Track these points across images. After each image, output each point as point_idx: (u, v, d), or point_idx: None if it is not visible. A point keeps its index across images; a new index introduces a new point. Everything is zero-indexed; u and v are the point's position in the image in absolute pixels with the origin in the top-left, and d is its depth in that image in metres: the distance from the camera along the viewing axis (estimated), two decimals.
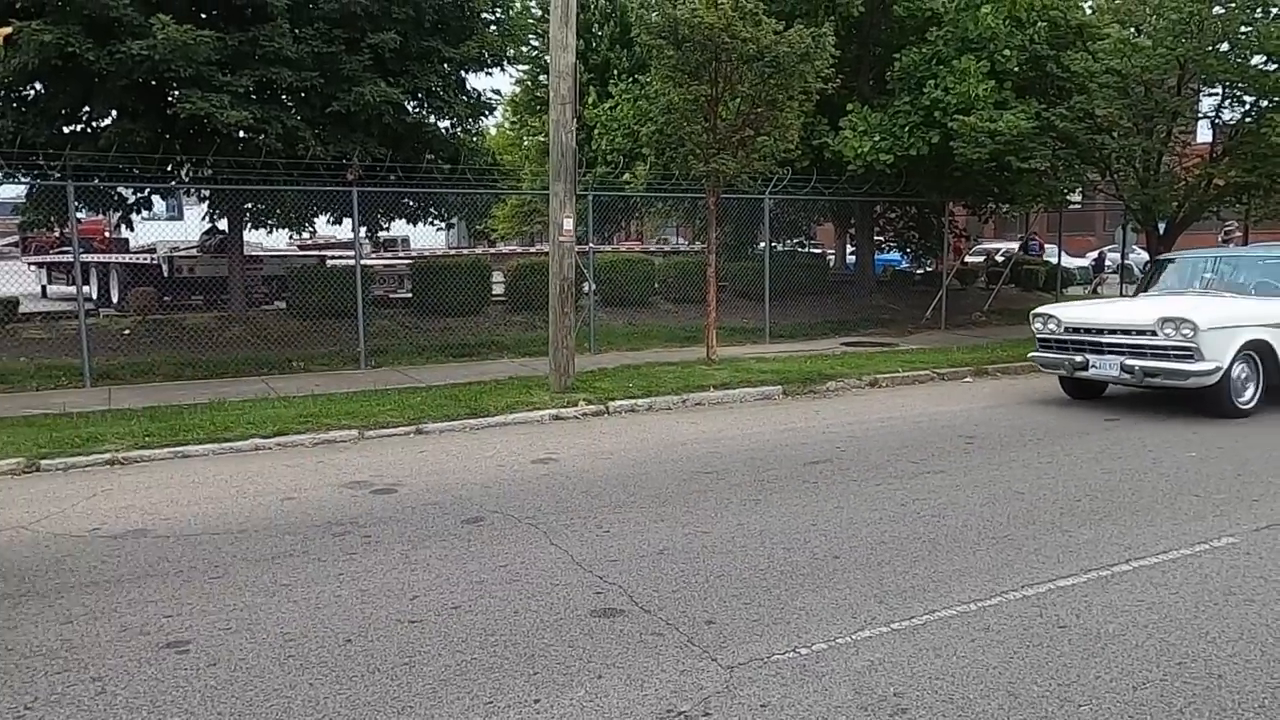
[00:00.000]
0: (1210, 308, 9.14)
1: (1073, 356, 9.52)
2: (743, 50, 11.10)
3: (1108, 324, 9.42)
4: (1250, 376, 9.02)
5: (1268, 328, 9.01)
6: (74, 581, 4.80)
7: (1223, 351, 8.68)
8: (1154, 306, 9.34)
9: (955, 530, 5.46)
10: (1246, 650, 3.83)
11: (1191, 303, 9.42)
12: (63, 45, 10.77)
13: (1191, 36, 13.43)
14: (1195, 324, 8.62)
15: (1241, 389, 8.97)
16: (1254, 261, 10.19)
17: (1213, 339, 8.65)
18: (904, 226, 22.75)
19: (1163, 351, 8.85)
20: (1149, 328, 8.95)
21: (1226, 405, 8.84)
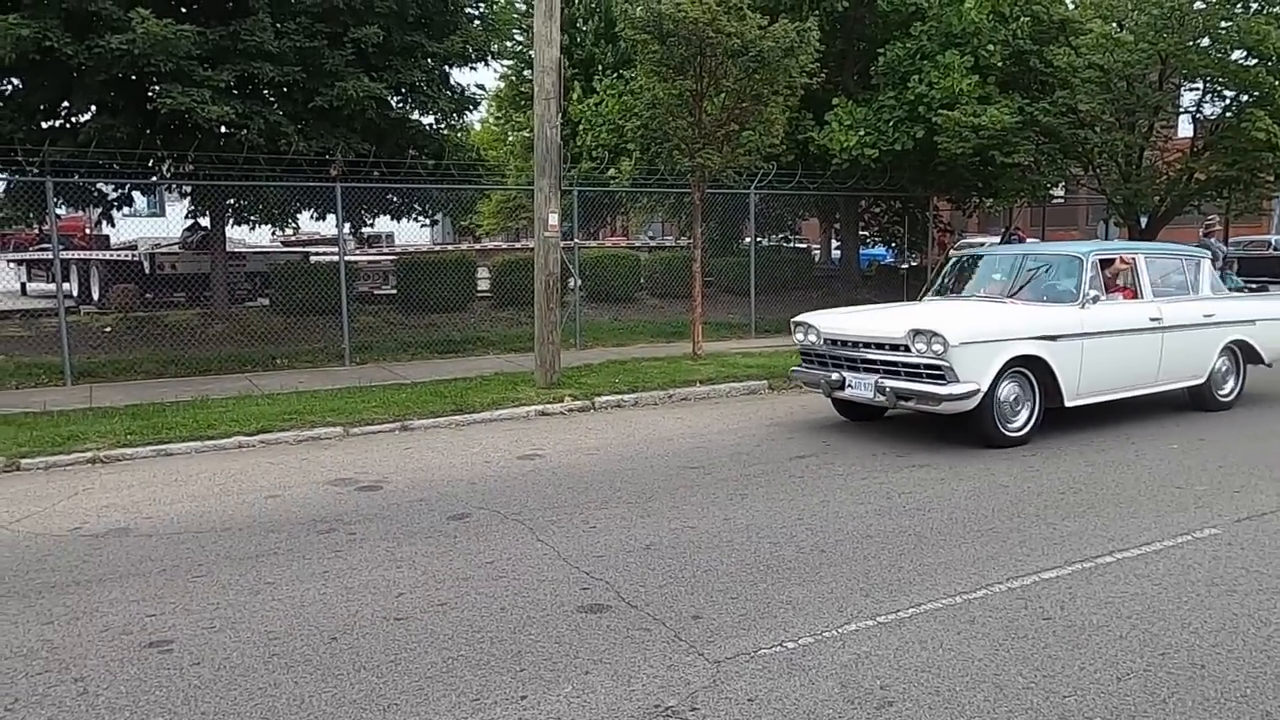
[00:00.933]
0: (967, 318, 7.66)
1: (830, 374, 8.00)
2: (727, 45, 11.09)
3: (863, 336, 7.91)
4: (1023, 398, 7.54)
5: (1043, 340, 7.51)
6: (55, 581, 4.75)
7: (982, 370, 7.20)
8: (909, 316, 7.88)
9: (940, 523, 5.48)
10: (1229, 640, 3.86)
11: (946, 312, 7.99)
12: (40, 39, 10.64)
13: (1173, 31, 13.53)
14: (945, 338, 7.10)
15: (1011, 414, 7.48)
16: (1036, 260, 8.73)
17: (969, 355, 7.15)
18: (889, 221, 22.82)
19: (915, 370, 7.39)
20: (901, 341, 7.47)
21: (991, 432, 7.36)
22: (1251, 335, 9.05)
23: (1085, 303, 7.79)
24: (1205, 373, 8.73)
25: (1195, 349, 8.61)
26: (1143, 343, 8.18)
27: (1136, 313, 8.21)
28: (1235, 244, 22.58)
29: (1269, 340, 9.25)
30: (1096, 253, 8.27)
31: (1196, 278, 8.94)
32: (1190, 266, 9.01)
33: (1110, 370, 7.95)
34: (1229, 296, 9.27)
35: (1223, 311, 8.82)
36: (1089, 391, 7.82)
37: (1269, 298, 10.13)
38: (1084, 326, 7.72)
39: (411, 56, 13.33)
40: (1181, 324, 8.44)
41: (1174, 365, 8.43)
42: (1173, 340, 8.35)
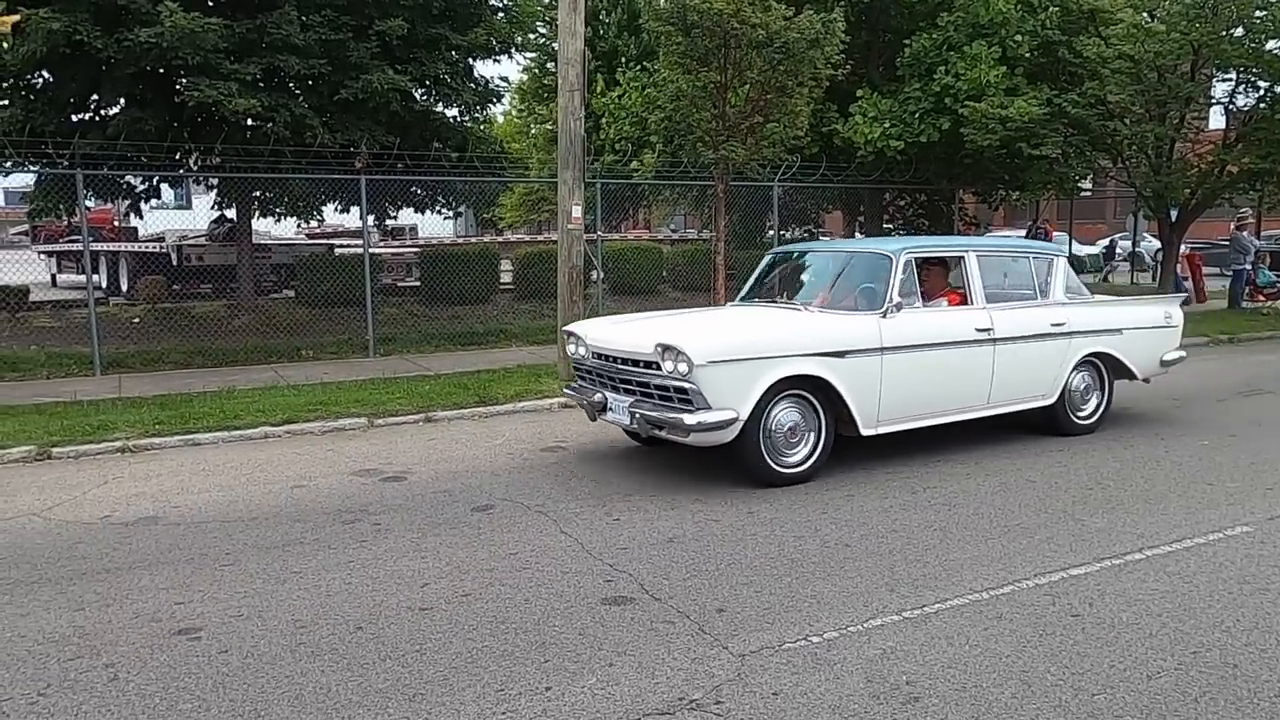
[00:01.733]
0: (722, 331, 6.51)
1: (593, 394, 6.72)
2: (752, 36, 11.03)
3: (622, 350, 6.50)
4: (804, 427, 6.26)
5: (827, 357, 6.17)
6: (86, 568, 4.81)
7: (741, 394, 5.90)
8: (662, 327, 6.59)
9: (967, 518, 5.44)
10: (1262, 640, 3.80)
11: (701, 323, 6.92)
12: (71, 33, 10.75)
13: (1205, 21, 13.30)
14: (689, 356, 5.81)
15: (786, 446, 6.18)
16: (845, 260, 7.46)
17: (721, 376, 5.85)
18: (913, 214, 22.60)
19: (666, 392, 6.07)
20: (652, 358, 6.12)
21: (759, 468, 6.08)
22: (1117, 347, 7.77)
23: (888, 311, 6.46)
24: (1055, 391, 7.41)
25: (1040, 364, 7.31)
26: (967, 357, 6.85)
27: (958, 322, 6.91)
28: (1268, 238, 22.21)
29: (1140, 352, 7.97)
30: (911, 251, 6.92)
31: (1048, 280, 7.60)
32: (1040, 266, 7.65)
33: (923, 391, 6.67)
34: (1089, 302, 7.89)
35: (1078, 320, 7.54)
36: (895, 417, 6.56)
37: (1140, 303, 8.61)
38: (884, 340, 6.39)
39: (435, 49, 13.36)
40: (1020, 335, 7.14)
41: (1012, 383, 7.14)
42: (1009, 354, 7.06)
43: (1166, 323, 8.27)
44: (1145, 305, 8.47)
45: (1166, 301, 8.51)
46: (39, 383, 10.63)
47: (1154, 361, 8.14)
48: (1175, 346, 8.36)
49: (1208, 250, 22.84)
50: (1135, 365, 7.94)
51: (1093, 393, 7.83)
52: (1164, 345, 8.27)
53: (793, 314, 6.90)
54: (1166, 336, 8.30)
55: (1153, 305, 8.43)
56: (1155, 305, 8.41)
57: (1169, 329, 8.31)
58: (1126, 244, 26.52)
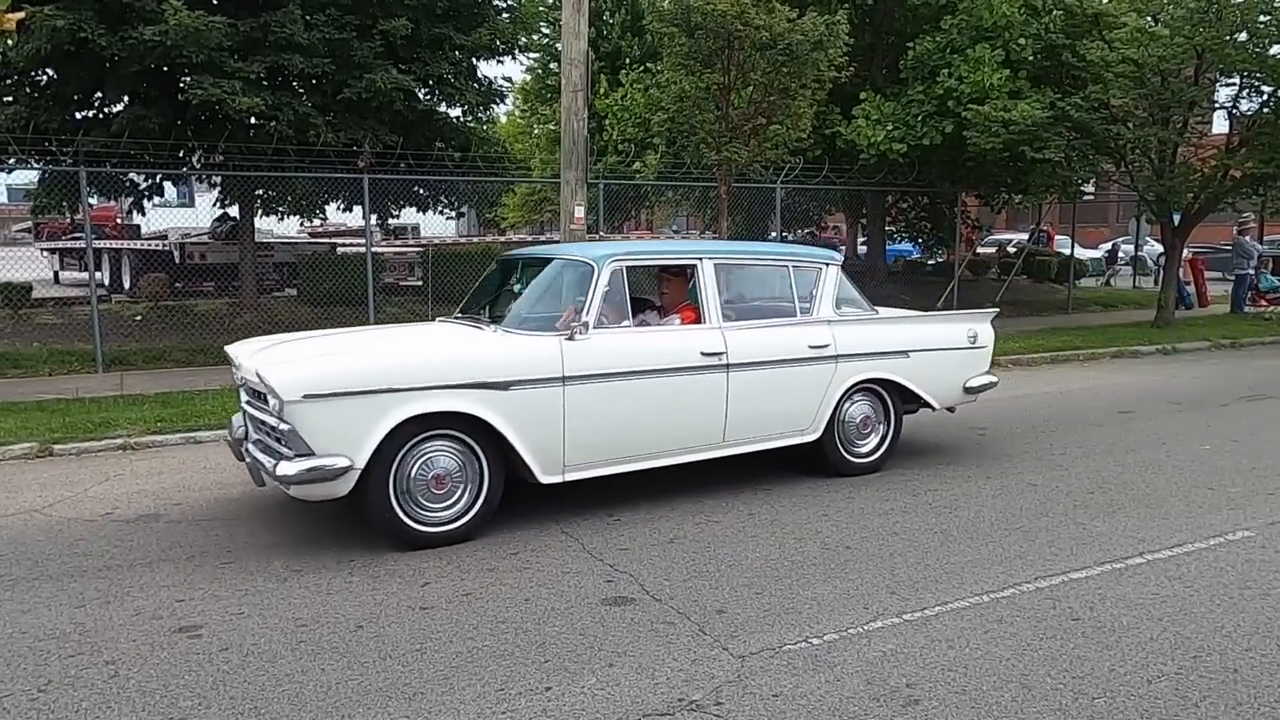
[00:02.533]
0: (339, 356, 5.22)
1: (236, 430, 5.67)
2: (755, 38, 11.04)
3: (248, 378, 5.31)
4: (460, 474, 5.11)
5: (484, 390, 5.03)
6: (87, 565, 4.82)
7: (356, 437, 4.74)
8: (282, 352, 5.48)
9: (967, 521, 5.44)
10: (1263, 644, 3.80)
11: (326, 346, 5.59)
12: (75, 30, 10.77)
13: (1209, 25, 13.29)
14: (277, 389, 4.72)
15: (432, 497, 5.03)
16: (546, 268, 6.11)
17: (328, 415, 4.71)
18: (916, 217, 22.63)
19: (275, 433, 4.91)
20: (262, 388, 5.04)
21: (393, 526, 4.96)
22: (903, 372, 6.60)
23: (575, 332, 5.31)
24: (818, 424, 6.25)
25: (794, 393, 6.14)
26: (689, 387, 5.68)
27: (677, 345, 5.71)
28: (1270, 242, 22.20)
29: (934, 378, 6.78)
30: (620, 259, 5.68)
31: (812, 293, 6.41)
32: (804, 277, 6.43)
33: (628, 428, 5.52)
34: (867, 319, 6.71)
35: (849, 341, 6.35)
36: (590, 459, 5.43)
37: (937, 320, 7.36)
38: (568, 367, 5.26)
39: (439, 49, 13.38)
40: (766, 359, 5.98)
41: (755, 416, 5.99)
42: (750, 382, 5.89)
43: (971, 344, 6.99)
44: (943, 323, 7.20)
45: (973, 318, 7.18)
46: (41, 380, 10.64)
47: (955, 388, 6.94)
48: (983, 370, 7.10)
49: (1210, 255, 22.83)
50: (928, 393, 6.76)
51: (874, 425, 6.63)
52: (967, 369, 7.01)
53: (471, 334, 5.74)
54: (971, 359, 7.02)
55: (953, 323, 7.13)
56: (956, 323, 7.11)
57: (974, 350, 7.03)
58: (1129, 248, 26.52)
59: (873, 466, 6.59)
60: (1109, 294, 22.25)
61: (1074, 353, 12.88)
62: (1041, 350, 12.85)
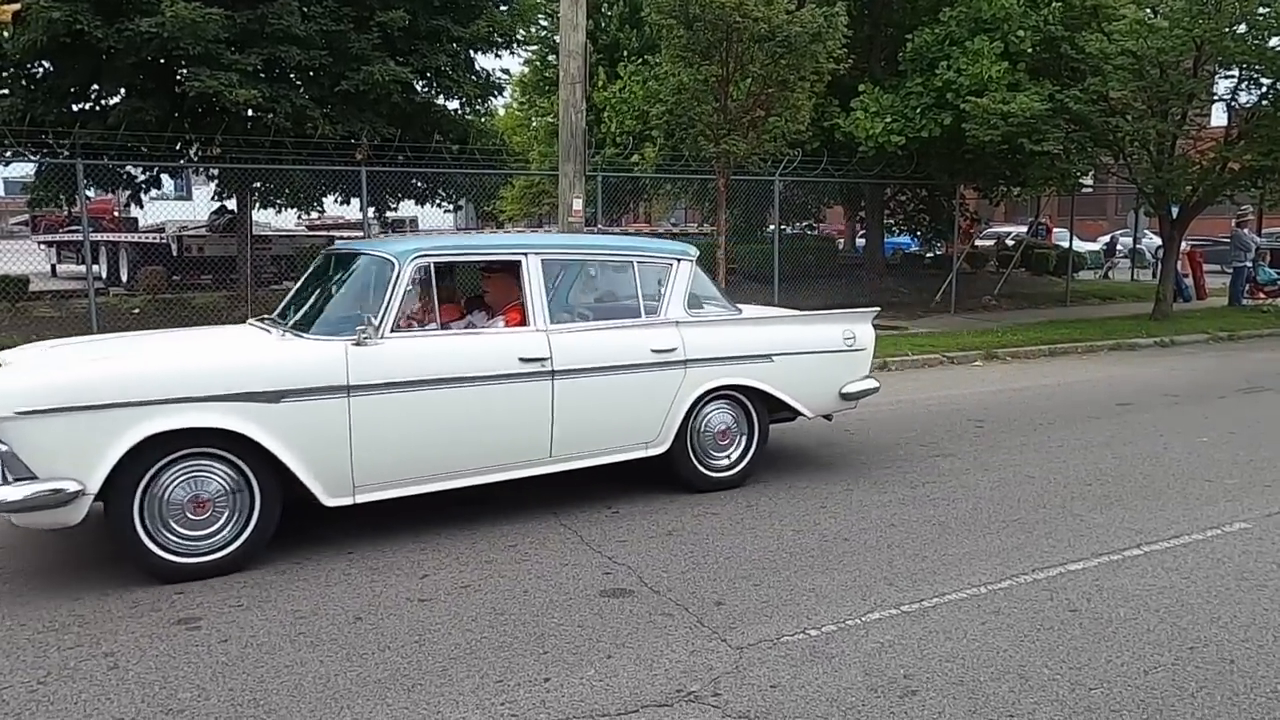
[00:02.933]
0: (69, 365, 4.61)
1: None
2: (754, 30, 11.01)
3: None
4: (225, 497, 4.52)
5: (250, 402, 4.46)
6: (86, 557, 4.81)
7: (89, 458, 4.17)
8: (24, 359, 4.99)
9: (965, 513, 5.45)
10: (1259, 635, 3.81)
11: (74, 354, 4.96)
12: (71, 22, 10.74)
13: (1208, 17, 13.26)
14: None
15: (189, 523, 4.44)
16: (349, 262, 5.56)
17: (49, 433, 4.12)
18: (914, 209, 22.63)
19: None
20: None
21: (143, 557, 4.38)
22: (765, 377, 6.00)
23: (364, 337, 4.77)
24: (665, 435, 5.67)
25: (635, 402, 5.56)
26: (505, 397, 5.12)
27: (491, 350, 5.15)
28: (1268, 235, 22.21)
29: (804, 383, 6.17)
30: (426, 254, 5.14)
31: (660, 292, 5.85)
32: (650, 274, 5.89)
33: (432, 443, 4.97)
34: (725, 320, 6.11)
35: (700, 344, 5.76)
36: (386, 479, 4.89)
37: (801, 320, 6.62)
38: (354, 375, 4.70)
39: (437, 41, 13.36)
40: (599, 365, 5.40)
41: (589, 428, 5.43)
42: (580, 390, 5.33)
43: (847, 345, 6.38)
44: (814, 324, 6.50)
45: (850, 318, 6.55)
46: None
47: (829, 394, 6.33)
48: (863, 375, 6.50)
49: (1209, 247, 22.85)
50: (797, 399, 6.15)
51: (735, 436, 6.05)
52: (843, 373, 6.39)
53: (256, 338, 5.21)
54: (847, 362, 6.41)
55: (827, 324, 6.47)
56: (830, 324, 6.47)
57: (851, 353, 6.42)
58: (1127, 241, 26.53)
59: (733, 481, 5.99)
60: (1107, 287, 22.27)
61: (1072, 345, 12.89)
62: (1039, 343, 12.86)
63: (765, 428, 6.18)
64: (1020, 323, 15.06)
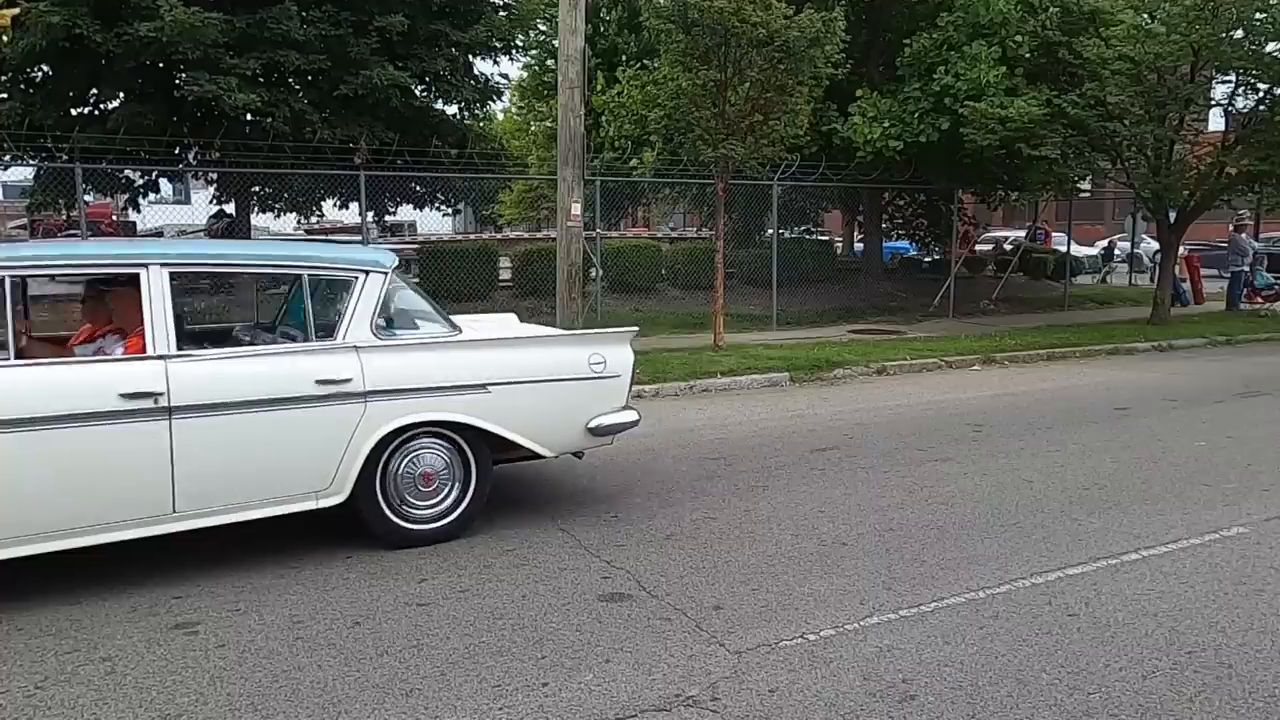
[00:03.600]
0: None
1: None
2: (752, 35, 11.02)
3: None
4: None
5: None
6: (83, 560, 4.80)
7: None
8: None
9: (964, 518, 5.45)
10: (1257, 640, 3.81)
11: None
12: (70, 27, 10.76)
13: (1206, 23, 13.30)
14: None
15: None
16: None
17: None
18: (912, 214, 22.64)
19: None
20: None
21: None
22: (482, 411, 5.06)
23: None
24: (342, 483, 4.78)
25: (293, 443, 4.66)
26: (101, 440, 4.22)
27: (77, 383, 4.25)
28: (1266, 240, 22.25)
29: (534, 416, 5.26)
30: (6, 265, 4.27)
31: (340, 309, 4.97)
32: (324, 289, 5.23)
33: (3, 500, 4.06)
34: (423, 344, 5.14)
35: (390, 372, 4.87)
36: None
37: (532, 343, 5.63)
38: None
39: (436, 45, 13.38)
40: (236, 400, 4.50)
41: (228, 477, 4.53)
42: (211, 431, 4.44)
43: (595, 372, 5.44)
44: (551, 347, 5.54)
45: (599, 340, 5.64)
46: None
47: (571, 429, 5.39)
48: (618, 405, 5.53)
49: (1206, 252, 22.87)
50: (526, 436, 5.20)
51: (446, 482, 5.10)
52: (590, 404, 5.43)
53: None
54: (595, 391, 5.45)
55: (568, 347, 5.54)
56: (572, 347, 5.54)
57: (601, 381, 5.46)
58: (1125, 245, 26.55)
59: (446, 533, 5.04)
60: (1105, 291, 22.28)
61: (1070, 350, 12.89)
62: (1037, 347, 12.86)
63: (486, 470, 5.18)
64: (1018, 327, 15.07)
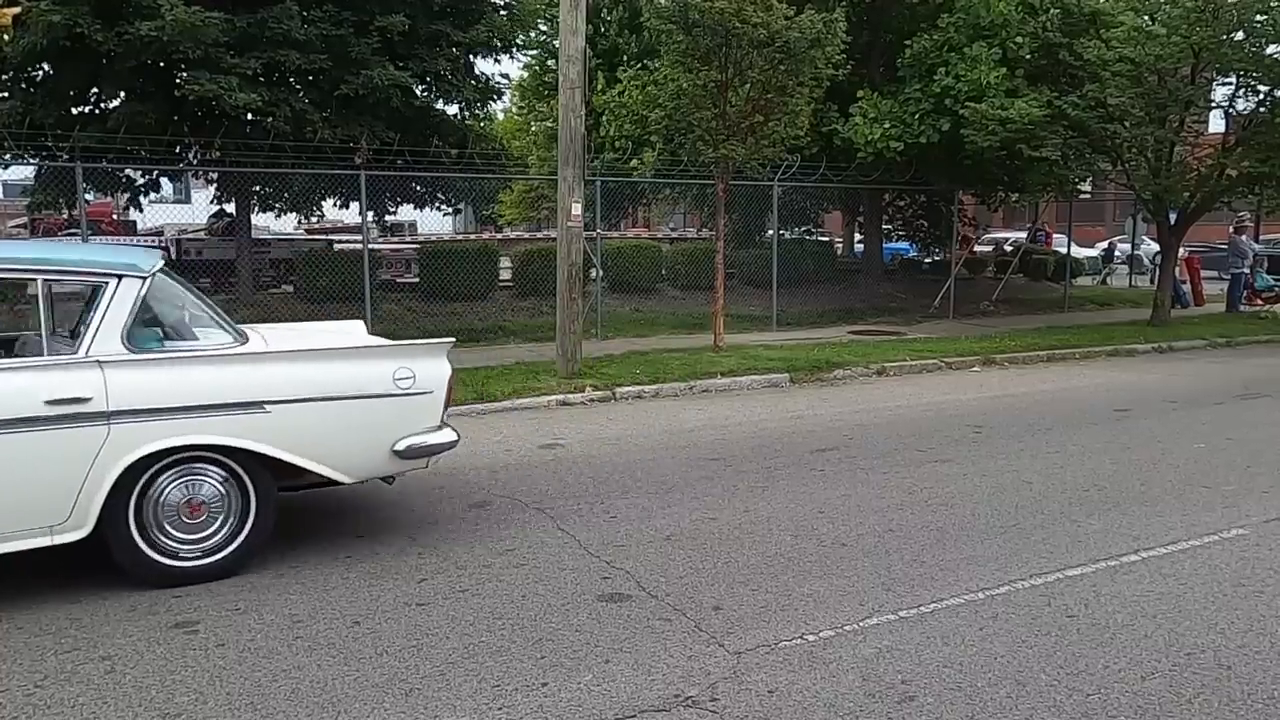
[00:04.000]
0: None
1: None
2: (753, 35, 11.02)
3: None
4: None
5: None
6: (84, 561, 4.81)
7: None
8: None
9: (963, 519, 5.45)
10: (1256, 642, 3.82)
11: None
12: (71, 26, 10.75)
13: (1206, 24, 13.30)
14: None
15: None
16: None
17: None
18: (913, 215, 22.64)
19: None
20: None
21: None
22: (260, 433, 4.53)
23: None
24: (83, 517, 4.27)
25: (11, 473, 4.12)
26: None
27: None
28: (1266, 242, 22.26)
29: (323, 438, 4.71)
30: None
31: (85, 319, 4.48)
32: (67, 295, 4.96)
33: None
34: (186, 357, 4.56)
35: (141, 389, 4.33)
36: None
37: (319, 356, 4.90)
38: None
39: (436, 45, 13.37)
40: None
41: None
42: None
43: (402, 389, 4.86)
44: (347, 361, 4.89)
45: (407, 353, 5.04)
46: None
47: (373, 453, 4.85)
48: (430, 425, 4.97)
49: (1206, 253, 22.88)
50: (316, 461, 4.67)
51: (218, 513, 4.55)
52: (395, 425, 4.87)
53: None
54: (401, 410, 4.88)
55: (367, 360, 4.94)
56: (374, 360, 4.94)
57: (408, 398, 4.89)
58: (1125, 247, 26.54)
59: (221, 569, 4.49)
60: (1105, 292, 22.28)
61: (1070, 351, 12.90)
62: (1038, 348, 12.86)
63: (268, 499, 4.64)
64: (1018, 328, 15.07)
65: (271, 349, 4.90)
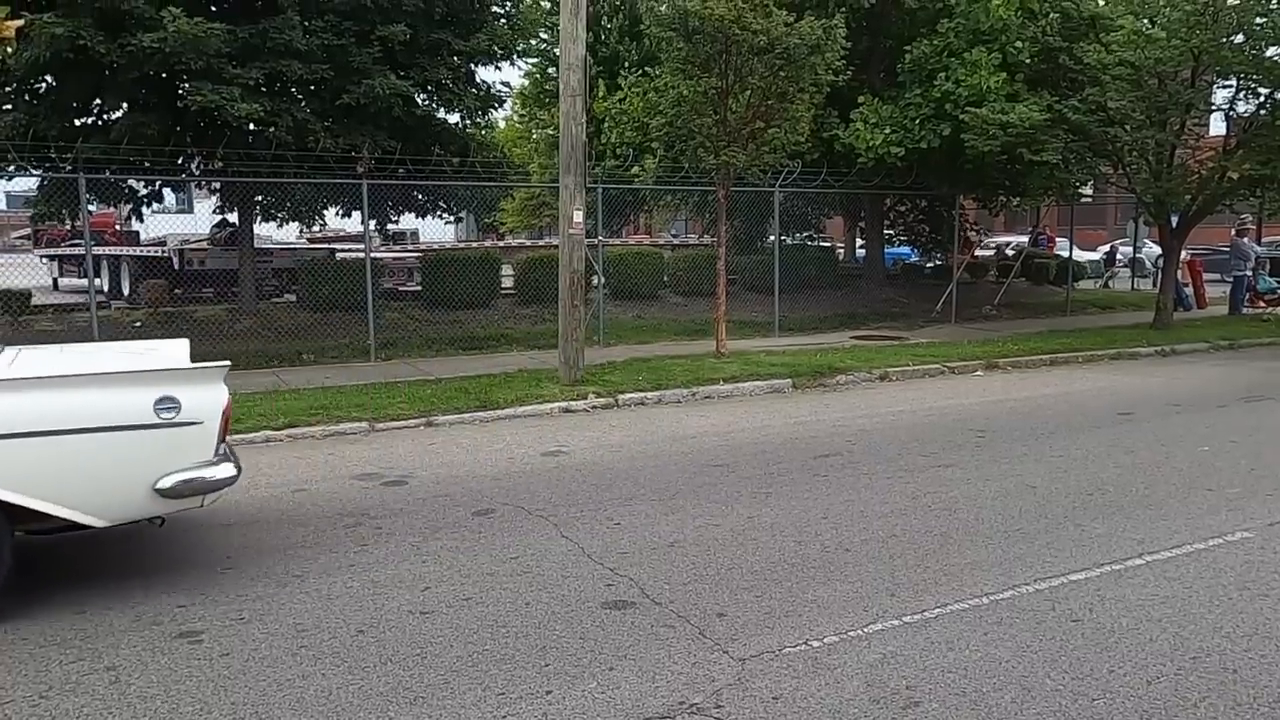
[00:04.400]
0: None
1: None
2: (753, 42, 11.05)
3: None
4: None
5: None
6: (87, 570, 4.81)
7: None
8: None
9: (967, 523, 5.44)
10: (1261, 645, 3.81)
11: None
12: (74, 38, 10.78)
13: (1206, 28, 13.32)
14: None
15: None
16: None
17: None
18: (914, 220, 22.66)
19: None
20: None
21: None
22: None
23: None
24: None
25: None
26: None
27: None
28: (1268, 244, 22.24)
29: (64, 478, 4.17)
30: None
31: None
32: None
33: None
34: None
35: None
36: None
37: (34, 384, 4.22)
38: None
39: (438, 54, 13.40)
40: None
41: None
42: None
43: (164, 419, 4.32)
44: (92, 388, 4.30)
45: (171, 380, 4.46)
46: None
47: (129, 491, 4.31)
48: (203, 460, 4.44)
49: (1208, 257, 22.88)
50: (56, 503, 4.15)
51: None
52: (156, 460, 4.33)
53: None
54: (164, 443, 4.34)
55: (119, 387, 4.35)
56: (128, 387, 4.36)
57: (171, 429, 4.34)
58: (1127, 250, 26.54)
59: None
60: (1107, 296, 22.27)
61: (1073, 354, 12.89)
62: (1040, 352, 12.86)
63: (1, 543, 4.09)
64: (1021, 332, 15.06)
65: (22, 376, 4.24)
